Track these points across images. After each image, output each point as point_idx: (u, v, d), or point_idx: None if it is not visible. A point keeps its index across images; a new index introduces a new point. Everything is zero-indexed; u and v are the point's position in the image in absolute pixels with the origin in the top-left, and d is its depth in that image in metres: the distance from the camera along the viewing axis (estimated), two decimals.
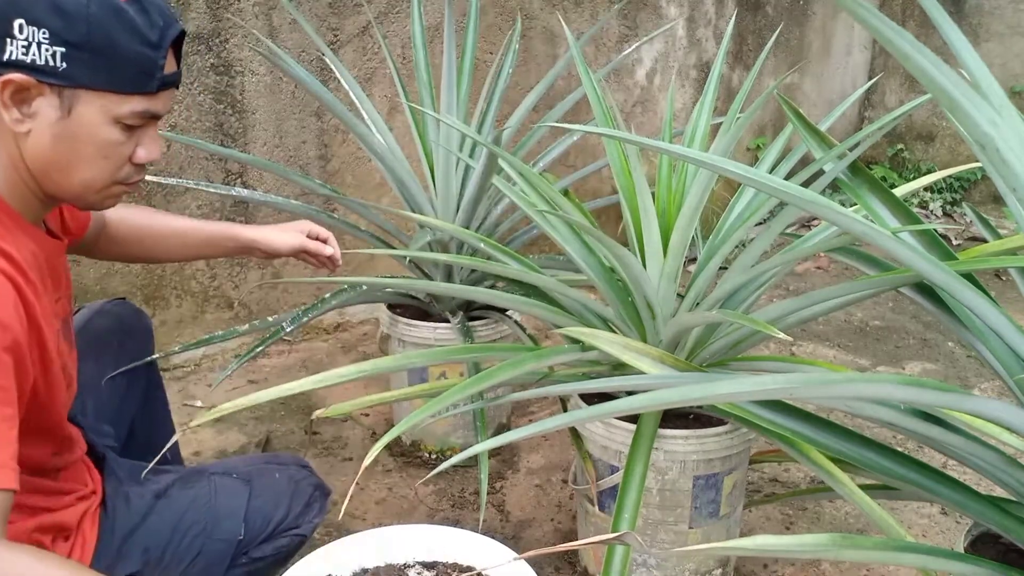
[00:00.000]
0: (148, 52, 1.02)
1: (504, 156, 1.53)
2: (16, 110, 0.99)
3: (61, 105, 1.00)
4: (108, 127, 1.03)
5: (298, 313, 2.04)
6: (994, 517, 1.14)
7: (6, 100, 0.99)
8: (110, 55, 1.00)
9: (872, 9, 0.81)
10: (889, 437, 2.33)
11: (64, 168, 1.04)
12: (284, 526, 1.43)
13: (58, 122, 1.01)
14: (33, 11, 0.96)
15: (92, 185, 1.07)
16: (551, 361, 1.49)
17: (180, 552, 1.31)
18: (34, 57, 0.97)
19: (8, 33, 0.96)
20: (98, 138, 1.03)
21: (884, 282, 1.31)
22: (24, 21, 0.96)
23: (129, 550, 1.27)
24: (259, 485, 1.44)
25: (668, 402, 0.91)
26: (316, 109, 2.90)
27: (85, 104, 1.01)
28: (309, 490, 1.48)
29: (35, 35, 0.96)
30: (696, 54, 4.16)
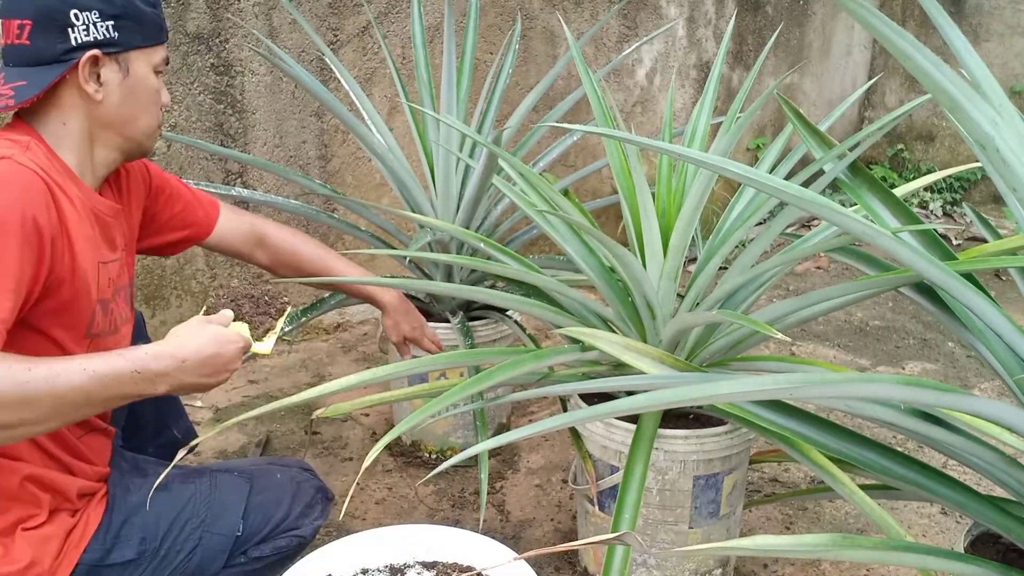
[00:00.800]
0: (154, 10, 1.28)
1: (504, 156, 1.53)
2: (94, 83, 1.21)
3: (120, 68, 1.24)
4: (151, 76, 1.28)
5: (297, 313, 2.04)
6: (994, 517, 1.14)
7: (87, 75, 1.20)
8: (139, 18, 1.24)
9: (872, 9, 0.82)
10: (889, 437, 2.34)
11: (131, 120, 1.27)
12: (284, 527, 1.43)
13: (122, 83, 1.24)
14: (79, 1, 1.18)
15: (149, 129, 1.31)
16: (551, 361, 1.49)
17: (178, 543, 1.32)
18: (95, 35, 1.19)
19: (69, 23, 1.18)
20: (149, 87, 1.28)
21: (884, 282, 1.31)
22: (77, 9, 1.18)
23: (126, 536, 1.30)
24: (260, 483, 1.44)
25: (668, 402, 0.91)
26: (316, 109, 2.90)
27: (134, 62, 1.25)
28: (311, 492, 1.49)
29: (89, 18, 1.19)
30: (696, 54, 4.16)
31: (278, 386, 2.68)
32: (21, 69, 1.19)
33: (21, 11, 1.18)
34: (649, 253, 1.50)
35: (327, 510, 1.51)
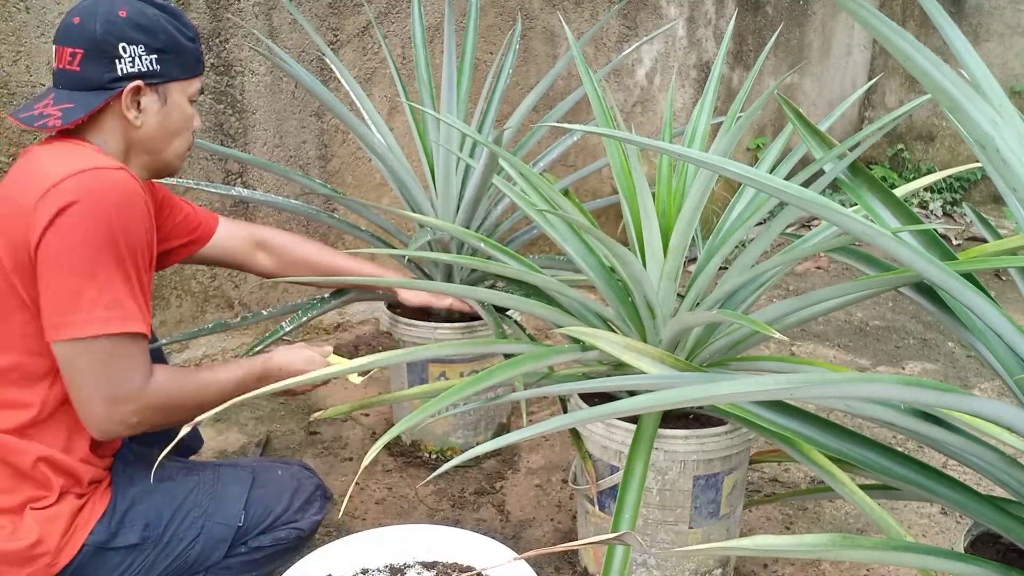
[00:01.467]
0: (194, 45, 1.39)
1: (504, 156, 1.53)
2: (134, 111, 1.32)
3: (159, 98, 1.35)
4: (187, 104, 1.40)
5: (298, 312, 2.04)
6: (994, 517, 1.14)
7: (128, 103, 1.31)
8: (180, 52, 1.35)
9: (872, 9, 0.82)
10: (889, 437, 2.34)
11: (165, 143, 1.38)
12: (284, 519, 1.45)
13: (159, 111, 1.35)
14: (126, 34, 1.29)
15: (180, 152, 1.42)
16: (551, 361, 1.49)
17: (181, 531, 1.36)
18: (140, 67, 1.31)
19: (118, 55, 1.29)
20: (184, 115, 1.39)
21: (884, 282, 1.31)
22: (125, 43, 1.29)
23: (131, 522, 1.34)
24: (262, 477, 1.47)
25: (669, 402, 0.91)
26: (316, 109, 2.90)
27: (172, 92, 1.36)
28: (311, 488, 1.51)
29: (135, 51, 1.30)
30: (696, 54, 4.16)
31: None
32: (70, 92, 1.30)
33: (75, 41, 1.29)
34: (649, 253, 1.50)
35: (325, 507, 1.54)
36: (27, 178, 1.25)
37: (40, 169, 1.25)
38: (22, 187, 1.25)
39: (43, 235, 1.20)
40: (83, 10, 1.31)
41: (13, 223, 1.23)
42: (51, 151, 1.29)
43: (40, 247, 1.20)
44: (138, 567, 1.34)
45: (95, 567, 1.31)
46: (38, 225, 1.20)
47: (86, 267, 1.21)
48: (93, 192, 1.21)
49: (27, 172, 1.27)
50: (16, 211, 1.23)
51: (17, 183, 1.27)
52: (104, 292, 1.22)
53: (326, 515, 1.53)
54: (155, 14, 1.32)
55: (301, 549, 1.50)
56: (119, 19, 1.29)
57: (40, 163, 1.27)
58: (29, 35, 2.29)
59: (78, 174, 1.21)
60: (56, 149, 1.29)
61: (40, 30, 2.30)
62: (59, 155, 1.27)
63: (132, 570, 1.34)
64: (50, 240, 1.20)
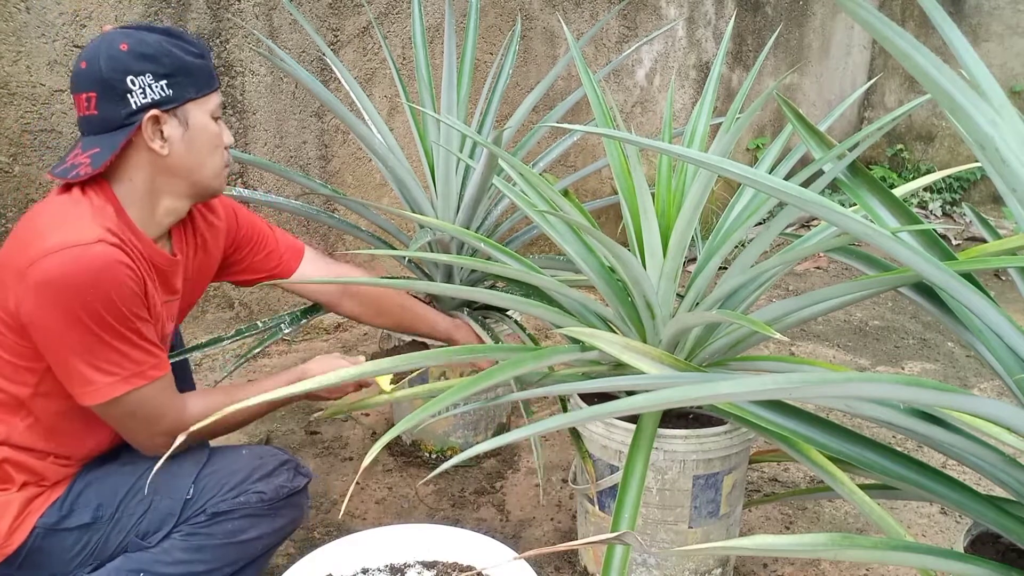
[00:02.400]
0: (203, 61, 1.38)
1: (504, 156, 1.53)
2: (159, 140, 1.34)
3: (180, 122, 1.36)
4: (210, 123, 1.40)
5: (297, 313, 2.04)
6: (994, 517, 1.14)
7: (151, 134, 1.33)
8: (188, 71, 1.35)
9: (872, 9, 0.82)
10: (889, 437, 2.34)
11: (198, 165, 1.40)
12: (242, 488, 1.44)
13: (184, 135, 1.37)
14: (131, 66, 1.30)
15: (215, 171, 1.43)
16: (551, 361, 1.49)
17: (131, 508, 1.41)
18: (152, 96, 1.32)
19: (128, 89, 1.30)
20: (209, 134, 1.40)
21: (884, 282, 1.31)
22: (132, 75, 1.30)
23: (84, 503, 1.40)
24: (220, 455, 1.49)
25: (668, 402, 0.91)
26: (316, 109, 2.90)
27: (192, 113, 1.37)
28: (274, 463, 1.49)
29: (144, 81, 1.31)
30: (696, 54, 4.16)
31: None
32: (94, 137, 1.33)
33: (86, 85, 1.31)
34: (649, 253, 1.50)
35: (297, 480, 1.50)
36: (25, 239, 1.30)
37: (36, 232, 1.29)
38: (21, 248, 1.30)
39: (30, 315, 1.27)
40: (87, 54, 1.33)
41: (10, 282, 1.29)
42: (52, 210, 1.33)
43: (30, 326, 1.28)
44: (93, 544, 1.39)
45: (50, 547, 1.37)
46: (24, 301, 1.27)
47: (80, 346, 1.28)
48: (65, 276, 1.24)
49: (27, 231, 1.32)
50: (12, 273, 1.29)
51: (20, 240, 1.32)
52: (106, 360, 1.30)
53: (300, 487, 1.49)
54: (156, 40, 1.33)
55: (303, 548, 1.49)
56: (121, 54, 1.30)
57: (38, 225, 1.31)
58: (29, 35, 2.29)
59: (54, 253, 1.25)
60: (58, 207, 1.33)
61: (40, 30, 2.30)
62: (56, 217, 1.31)
63: (88, 547, 1.39)
64: (38, 323, 1.27)
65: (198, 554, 1.40)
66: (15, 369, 1.35)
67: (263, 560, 1.51)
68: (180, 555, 1.39)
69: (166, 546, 1.40)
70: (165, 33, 1.36)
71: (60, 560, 1.39)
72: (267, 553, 1.51)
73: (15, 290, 1.28)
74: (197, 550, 1.40)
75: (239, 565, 1.45)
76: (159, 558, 1.39)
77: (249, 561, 1.47)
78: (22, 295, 1.27)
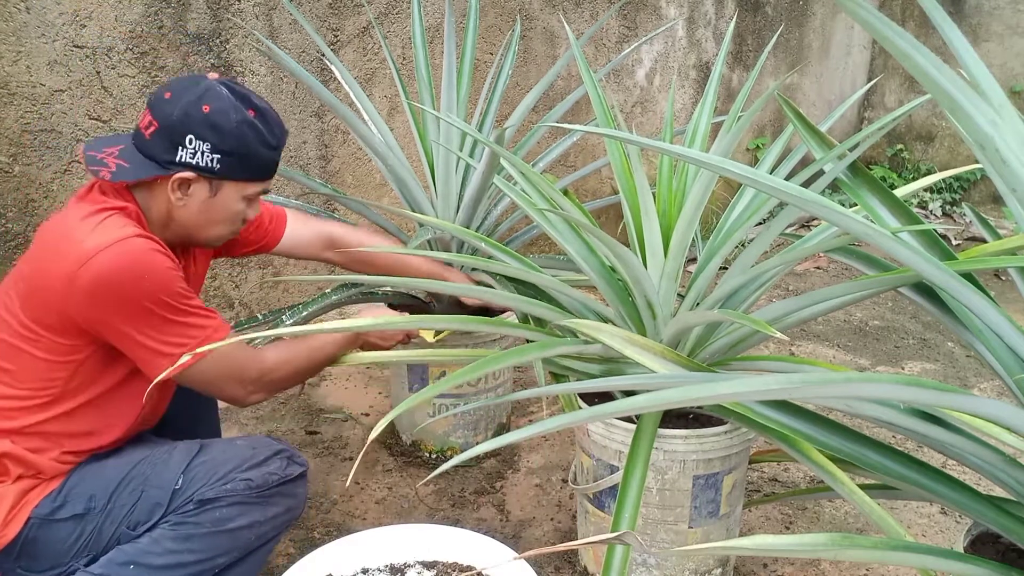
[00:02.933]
0: (272, 153, 1.46)
1: (505, 155, 1.53)
2: (179, 193, 1.41)
3: (211, 190, 1.42)
4: (237, 203, 1.47)
5: (298, 308, 2.04)
6: (993, 517, 1.14)
7: (174, 187, 1.40)
8: (247, 157, 1.42)
9: (872, 9, 0.82)
10: (889, 437, 2.34)
11: (203, 227, 1.47)
12: (230, 477, 1.44)
13: (206, 201, 1.43)
14: (199, 129, 1.37)
15: (217, 236, 1.50)
16: (554, 352, 1.49)
17: (123, 499, 1.42)
18: (198, 161, 1.38)
19: (180, 144, 1.37)
20: (229, 211, 1.47)
21: (884, 282, 1.31)
22: (193, 136, 1.37)
23: (77, 495, 1.42)
24: (213, 446, 1.50)
25: (668, 402, 0.91)
26: (316, 109, 2.90)
27: (227, 189, 1.44)
28: (266, 453, 1.49)
29: (200, 146, 1.38)
30: (696, 54, 4.16)
31: None
32: (135, 152, 1.40)
33: (157, 113, 1.38)
34: (650, 253, 1.50)
35: (291, 469, 1.50)
36: (58, 247, 1.36)
37: (72, 239, 1.35)
38: (58, 255, 1.35)
39: (88, 315, 1.34)
40: (177, 86, 1.40)
41: (55, 287, 1.34)
42: (80, 217, 1.37)
43: (91, 323, 1.35)
44: (88, 535, 1.41)
45: (45, 538, 1.39)
46: (79, 303, 1.33)
47: (149, 328, 1.36)
48: (118, 270, 1.32)
49: (59, 239, 1.37)
50: (56, 280, 1.33)
51: (53, 248, 1.37)
52: (175, 334, 1.38)
53: (293, 475, 1.49)
54: (239, 121, 1.39)
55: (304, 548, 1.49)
56: (198, 113, 1.37)
57: (71, 232, 1.36)
58: (29, 35, 2.29)
59: (100, 252, 1.31)
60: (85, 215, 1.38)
61: (40, 30, 2.30)
62: (87, 223, 1.36)
63: (83, 539, 1.41)
64: (100, 319, 1.34)
65: (187, 543, 1.40)
66: (50, 367, 1.38)
67: (261, 552, 1.50)
68: (169, 544, 1.40)
69: (156, 536, 1.41)
70: (257, 113, 1.42)
71: (56, 551, 1.40)
72: (265, 545, 1.50)
73: (61, 294, 1.33)
74: (186, 539, 1.40)
75: (232, 556, 1.45)
76: (149, 549, 1.40)
77: (245, 552, 1.47)
78: (75, 298, 1.32)
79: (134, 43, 2.48)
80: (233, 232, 1.53)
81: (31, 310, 1.37)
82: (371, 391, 2.66)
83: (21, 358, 1.39)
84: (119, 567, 1.39)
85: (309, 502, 2.04)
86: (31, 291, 1.37)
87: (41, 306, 1.36)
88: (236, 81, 1.49)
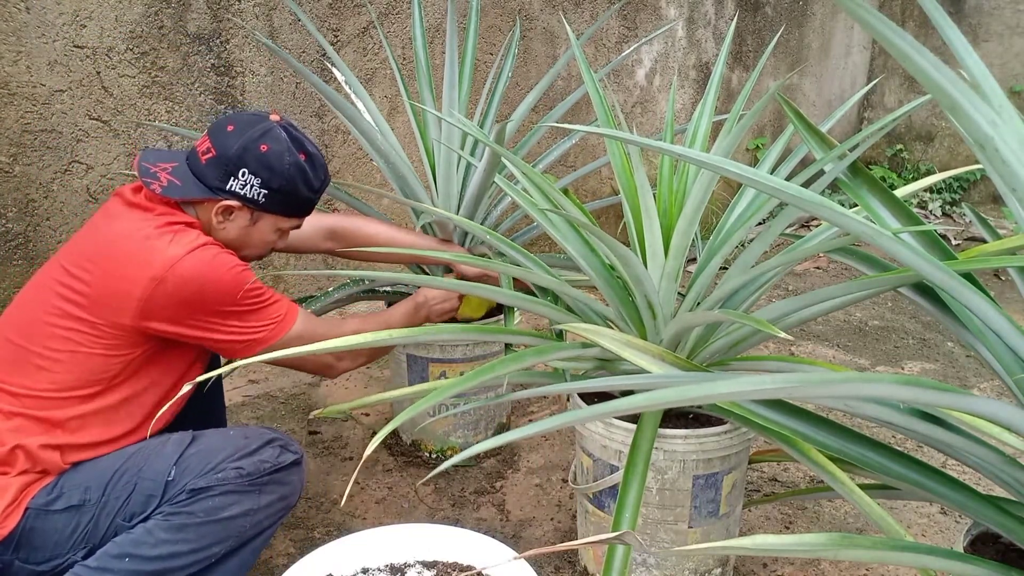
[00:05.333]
0: (313, 196, 1.59)
1: (506, 154, 1.54)
2: (221, 217, 1.53)
3: (251, 219, 1.56)
4: (272, 233, 1.61)
5: (303, 305, 2.04)
6: (994, 517, 1.14)
7: (218, 212, 1.52)
8: (291, 196, 1.55)
9: (872, 9, 0.82)
10: (889, 437, 2.34)
11: (237, 248, 1.57)
12: (223, 466, 1.45)
13: (244, 228, 1.56)
14: (253, 165, 1.50)
15: (246, 259, 1.58)
16: (552, 356, 1.49)
17: (117, 490, 1.44)
18: (246, 192, 1.51)
19: (233, 174, 1.50)
20: (263, 239, 1.60)
21: (884, 282, 1.31)
22: (247, 170, 1.50)
23: (73, 486, 1.43)
24: (203, 437, 1.51)
25: (668, 401, 0.91)
26: (317, 110, 2.90)
27: (265, 220, 1.58)
28: (259, 442, 1.50)
29: (251, 179, 1.50)
30: (696, 55, 4.16)
31: (279, 386, 2.68)
32: (188, 172, 1.52)
33: (217, 143, 1.50)
34: (650, 253, 1.50)
35: (284, 456, 1.50)
36: (139, 252, 1.43)
37: (151, 248, 1.43)
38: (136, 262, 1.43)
39: (176, 311, 1.44)
40: (240, 121, 1.52)
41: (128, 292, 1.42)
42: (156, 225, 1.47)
43: (176, 321, 1.45)
44: (84, 527, 1.42)
45: (42, 529, 1.41)
46: (166, 303, 1.42)
47: (235, 320, 1.50)
48: (204, 272, 1.44)
49: (138, 243, 1.44)
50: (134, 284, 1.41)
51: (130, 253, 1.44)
52: (256, 320, 1.52)
53: (287, 463, 1.50)
54: (291, 163, 1.51)
55: (304, 548, 1.49)
56: (257, 152, 1.49)
57: (148, 238, 1.44)
58: (29, 35, 2.29)
59: (185, 256, 1.43)
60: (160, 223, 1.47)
61: (40, 30, 2.30)
62: (163, 230, 1.46)
63: (79, 530, 1.42)
64: (187, 316, 1.45)
65: (180, 533, 1.41)
66: (105, 361, 1.45)
67: (258, 542, 1.50)
68: (163, 535, 1.41)
69: (149, 526, 1.41)
70: (308, 157, 1.54)
71: (53, 543, 1.41)
72: (261, 534, 1.50)
73: (145, 296, 1.41)
74: (179, 529, 1.41)
75: (228, 545, 1.45)
76: (143, 540, 1.41)
77: (241, 542, 1.47)
78: (160, 299, 1.42)
79: (134, 43, 2.48)
80: (260, 257, 1.65)
81: (99, 307, 1.43)
82: (371, 391, 2.67)
83: (71, 350, 1.44)
84: (113, 559, 1.39)
85: (309, 502, 2.04)
86: (105, 295, 1.43)
87: (113, 305, 1.42)
88: (295, 126, 1.58)
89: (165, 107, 2.58)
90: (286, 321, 1.56)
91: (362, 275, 1.90)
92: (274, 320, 1.54)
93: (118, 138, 2.52)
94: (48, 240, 2.46)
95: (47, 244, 2.46)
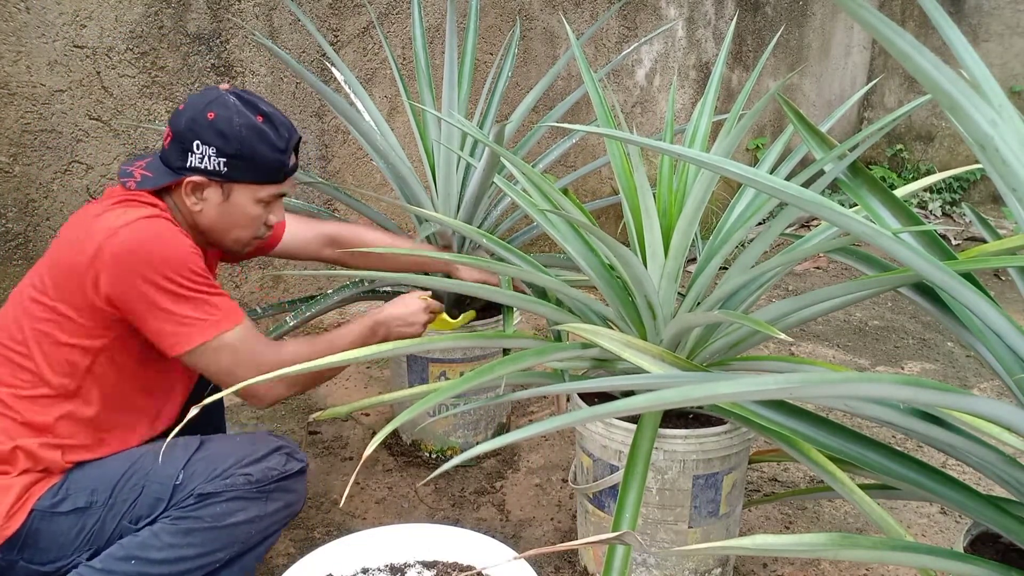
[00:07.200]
0: (279, 156, 1.50)
1: (505, 154, 1.54)
2: (193, 197, 1.49)
3: (223, 193, 1.49)
4: (253, 205, 1.52)
5: (300, 307, 2.04)
6: (994, 517, 1.14)
7: (188, 192, 1.48)
8: (254, 160, 1.47)
9: (872, 9, 0.82)
10: (889, 437, 2.34)
11: (223, 231, 1.54)
12: (230, 472, 1.45)
13: (220, 204, 1.50)
14: (205, 135, 1.45)
15: (239, 242, 1.56)
16: (552, 357, 1.49)
17: (124, 493, 1.43)
18: (206, 165, 1.46)
19: (189, 149, 1.46)
20: (247, 213, 1.52)
21: (884, 282, 1.31)
22: (200, 141, 1.45)
23: (79, 488, 1.43)
24: (211, 442, 1.51)
25: (668, 402, 0.91)
26: (317, 110, 2.90)
27: (238, 192, 1.50)
28: (266, 449, 1.50)
29: (207, 150, 1.45)
30: (695, 55, 4.16)
31: None
32: (158, 163, 1.51)
33: (172, 124, 1.48)
34: (650, 253, 1.50)
35: (290, 464, 1.50)
36: (89, 227, 1.42)
37: (101, 218, 1.42)
38: (86, 235, 1.41)
39: (112, 286, 1.38)
40: (190, 99, 1.50)
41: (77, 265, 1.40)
42: (112, 202, 1.45)
43: (114, 297, 1.39)
44: (90, 529, 1.42)
45: (48, 531, 1.40)
46: (104, 276, 1.38)
47: (167, 302, 1.40)
48: (141, 243, 1.39)
49: (90, 220, 1.43)
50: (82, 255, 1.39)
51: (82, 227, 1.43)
52: (192, 309, 1.42)
53: (293, 471, 1.50)
54: (241, 124, 1.45)
55: (304, 548, 1.49)
56: (204, 120, 1.45)
57: (100, 212, 1.43)
58: (29, 35, 2.29)
59: (124, 227, 1.39)
60: (116, 200, 1.46)
61: (40, 30, 2.30)
62: (117, 210, 1.43)
63: (85, 532, 1.42)
64: (121, 291, 1.38)
65: (187, 538, 1.41)
66: (72, 351, 1.42)
67: (261, 548, 1.51)
68: (169, 539, 1.40)
69: (156, 530, 1.41)
70: (265, 118, 1.48)
71: (58, 544, 1.41)
72: (264, 540, 1.50)
73: (90, 267, 1.38)
74: (186, 534, 1.41)
75: (233, 551, 1.45)
76: (149, 543, 1.40)
77: (245, 549, 1.47)
78: (102, 269, 1.37)
79: (134, 43, 2.48)
80: (257, 236, 1.57)
81: (61, 290, 1.41)
82: (371, 391, 2.66)
83: (46, 344, 1.42)
84: (118, 561, 1.39)
85: (309, 502, 2.04)
86: (63, 274, 1.41)
87: (70, 284, 1.41)
88: (249, 91, 1.53)
89: (165, 107, 2.58)
90: (224, 322, 1.44)
91: (362, 275, 1.90)
92: (210, 315, 1.43)
93: (118, 138, 2.52)
94: (48, 240, 2.46)
95: (47, 244, 2.45)
